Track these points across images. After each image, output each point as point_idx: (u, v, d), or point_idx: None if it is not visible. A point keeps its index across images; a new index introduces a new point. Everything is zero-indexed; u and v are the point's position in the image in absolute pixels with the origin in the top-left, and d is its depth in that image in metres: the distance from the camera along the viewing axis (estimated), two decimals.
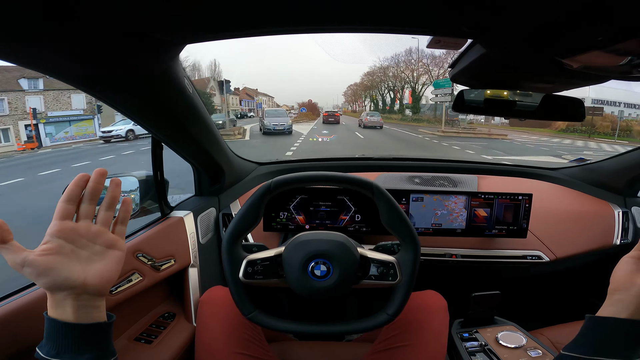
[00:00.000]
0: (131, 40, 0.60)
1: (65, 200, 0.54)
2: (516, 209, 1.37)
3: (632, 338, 0.59)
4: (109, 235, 0.59)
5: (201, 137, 1.12)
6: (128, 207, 0.62)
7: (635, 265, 0.63)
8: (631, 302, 0.60)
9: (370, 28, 0.66)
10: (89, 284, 0.54)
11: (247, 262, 0.83)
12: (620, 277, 0.63)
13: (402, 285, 0.84)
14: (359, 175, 0.87)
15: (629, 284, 0.61)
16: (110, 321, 0.58)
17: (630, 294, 0.61)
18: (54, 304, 0.53)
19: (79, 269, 0.54)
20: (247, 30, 0.65)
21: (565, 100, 1.00)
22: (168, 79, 0.80)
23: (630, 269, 0.63)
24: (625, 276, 0.63)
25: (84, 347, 0.53)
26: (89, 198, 0.56)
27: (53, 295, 0.53)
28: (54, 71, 0.63)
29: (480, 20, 0.59)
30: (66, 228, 0.54)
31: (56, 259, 0.52)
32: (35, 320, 0.73)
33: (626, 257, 0.65)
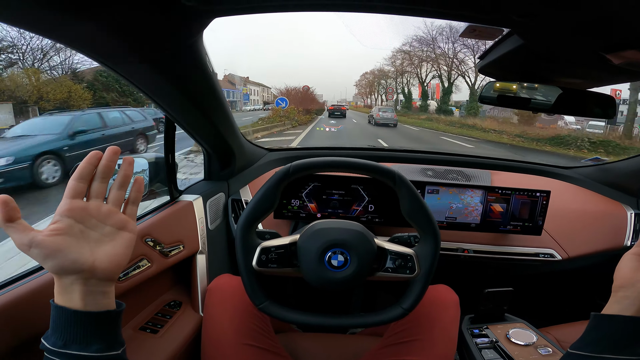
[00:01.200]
0: (161, 7, 0.56)
1: (77, 178, 0.51)
2: (533, 205, 1.34)
3: (639, 335, 0.58)
4: (120, 216, 0.56)
5: (216, 118, 1.09)
6: (140, 187, 0.59)
7: (638, 262, 0.63)
8: (637, 299, 0.60)
9: (409, 9, 0.62)
10: (97, 268, 0.51)
11: (262, 249, 0.80)
12: (624, 274, 0.63)
13: (419, 279, 0.82)
14: (379, 163, 0.84)
15: (633, 280, 0.61)
16: (119, 309, 0.55)
17: (635, 290, 0.60)
18: (61, 290, 0.50)
19: (87, 251, 0.51)
20: (280, 4, 0.61)
21: (598, 97, 0.97)
22: (192, 55, 0.77)
23: (633, 265, 0.63)
24: (629, 273, 0.62)
25: (92, 337, 0.50)
26: (100, 176, 0.53)
27: (60, 280, 0.50)
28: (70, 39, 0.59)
29: (532, 8, 0.56)
30: (76, 207, 0.51)
31: (65, 239, 0.49)
32: (37, 309, 0.70)
33: (629, 253, 0.65)
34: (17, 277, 0.76)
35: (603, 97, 0.98)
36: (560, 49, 0.72)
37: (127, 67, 0.72)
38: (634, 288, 0.60)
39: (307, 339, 1.16)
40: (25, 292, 0.71)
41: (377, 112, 23.09)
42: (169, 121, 1.06)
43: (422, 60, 34.04)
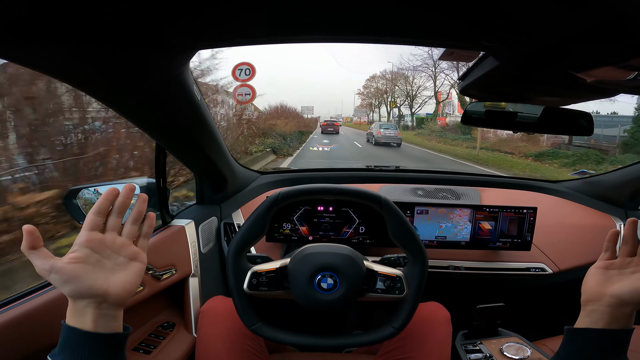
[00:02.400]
0: (145, 43, 0.59)
1: (95, 212, 0.57)
2: (521, 222, 1.36)
3: (609, 347, 0.61)
4: (133, 248, 0.60)
5: (206, 144, 1.11)
6: (152, 223, 0.64)
7: (603, 275, 0.66)
8: (604, 312, 0.62)
9: (387, 39, 0.66)
10: (110, 294, 0.55)
11: (252, 273, 0.82)
12: (591, 288, 0.66)
13: (409, 299, 0.83)
14: (366, 189, 0.87)
15: (599, 294, 0.64)
16: (126, 332, 0.59)
17: (602, 304, 0.62)
18: (75, 312, 0.54)
19: (102, 278, 0.55)
20: (263, 37, 0.64)
21: (574, 114, 1.00)
22: (178, 85, 0.79)
23: (598, 279, 0.66)
24: (595, 287, 0.65)
25: (98, 358, 0.54)
26: (117, 212, 0.58)
27: (75, 303, 0.54)
28: (60, 74, 0.61)
29: (501, 34, 0.59)
30: (94, 239, 0.56)
31: (82, 267, 0.54)
32: (41, 326, 0.74)
33: (594, 267, 0.69)
34: (20, 295, 0.79)
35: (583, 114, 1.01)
36: (533, 70, 0.75)
37: (114, 99, 0.74)
38: (601, 301, 0.63)
39: (302, 359, 1.16)
40: (28, 310, 0.74)
41: (378, 129, 19.39)
42: (159, 147, 1.08)
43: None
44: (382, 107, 41.06)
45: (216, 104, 8.70)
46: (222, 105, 9.23)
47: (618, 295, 0.62)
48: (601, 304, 0.63)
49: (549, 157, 13.73)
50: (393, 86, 36.98)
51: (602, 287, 0.64)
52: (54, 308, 0.80)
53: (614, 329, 0.61)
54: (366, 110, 44.01)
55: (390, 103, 37.93)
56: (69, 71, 0.61)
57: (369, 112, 43.67)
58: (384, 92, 39.32)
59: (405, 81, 34.61)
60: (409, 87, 34.49)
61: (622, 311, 0.62)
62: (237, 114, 10.01)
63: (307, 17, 0.57)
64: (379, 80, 39.24)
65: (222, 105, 9.33)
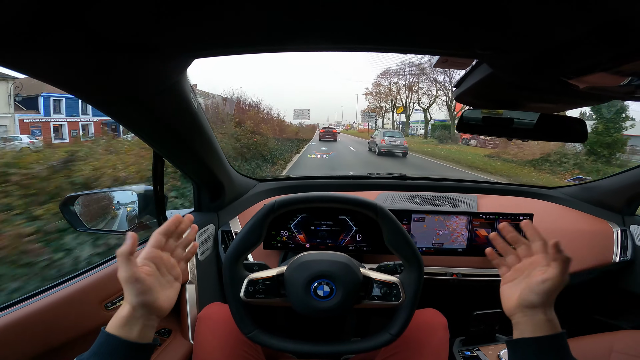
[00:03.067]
0: (142, 53, 0.60)
1: (162, 233, 0.67)
2: (517, 228, 1.35)
3: (548, 352, 0.64)
4: (178, 269, 0.69)
5: (203, 152, 1.11)
6: (194, 250, 0.74)
7: (510, 290, 0.71)
8: (525, 322, 0.66)
9: (381, 48, 0.67)
10: (161, 307, 0.63)
11: (249, 281, 0.82)
12: (506, 305, 0.71)
13: (405, 305, 0.84)
14: (361, 196, 0.87)
15: (514, 309, 0.68)
16: (156, 343, 0.65)
17: (520, 315, 0.67)
18: (125, 322, 0.60)
19: (160, 292, 0.63)
20: (259, 46, 0.65)
21: (568, 120, 1.01)
22: (175, 94, 0.80)
23: (509, 295, 0.70)
24: (508, 303, 0.70)
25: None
26: (176, 236, 0.70)
27: (133, 313, 0.60)
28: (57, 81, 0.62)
29: (492, 41, 0.60)
30: (157, 256, 0.65)
31: (153, 281, 0.62)
32: (40, 328, 0.77)
33: (502, 285, 0.74)
34: (20, 299, 0.81)
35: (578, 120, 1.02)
36: (526, 77, 0.76)
37: (112, 107, 0.75)
38: (518, 313, 0.68)
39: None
40: (28, 313, 0.77)
41: (382, 137, 17.41)
42: (157, 154, 1.08)
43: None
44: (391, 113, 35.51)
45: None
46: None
47: (523, 303, 0.67)
48: (520, 317, 0.67)
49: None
50: (416, 82, 31.06)
51: (512, 300, 0.69)
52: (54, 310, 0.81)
53: (543, 336, 0.65)
54: (375, 115, 36.56)
55: (397, 108, 33.75)
56: (65, 78, 0.61)
57: (378, 117, 36.44)
58: (397, 92, 33.64)
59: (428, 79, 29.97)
60: (427, 87, 30.22)
61: (537, 317, 0.66)
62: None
63: (302, 28, 0.58)
64: (396, 76, 33.13)
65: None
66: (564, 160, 12.40)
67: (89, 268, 0.97)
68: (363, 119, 38.57)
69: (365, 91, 39.92)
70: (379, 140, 17.34)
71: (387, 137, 17.42)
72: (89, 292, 0.90)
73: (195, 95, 0.89)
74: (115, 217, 1.17)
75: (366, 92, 37.87)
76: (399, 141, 17.13)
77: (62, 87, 0.63)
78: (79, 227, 1.09)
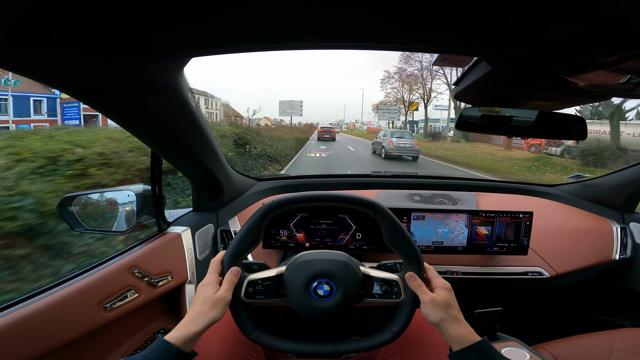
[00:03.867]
0: (138, 51, 0.59)
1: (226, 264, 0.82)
2: (517, 226, 1.36)
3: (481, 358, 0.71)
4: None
5: (201, 152, 1.11)
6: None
7: (429, 308, 0.77)
8: (449, 338, 0.74)
9: (380, 46, 0.66)
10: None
11: (248, 282, 0.81)
12: (431, 322, 0.77)
13: (406, 303, 0.83)
14: (360, 195, 0.87)
15: (437, 327, 0.76)
16: (195, 354, 0.73)
17: (445, 333, 0.75)
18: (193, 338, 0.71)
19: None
20: (256, 45, 0.65)
21: (567, 118, 1.01)
22: (172, 93, 0.79)
23: (428, 313, 0.77)
24: (431, 320, 0.77)
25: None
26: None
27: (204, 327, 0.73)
28: (53, 81, 0.62)
29: (491, 39, 0.60)
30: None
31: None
32: (43, 327, 0.78)
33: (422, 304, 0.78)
34: (24, 297, 0.82)
35: (576, 118, 1.02)
36: (525, 75, 0.75)
37: (108, 106, 0.74)
38: (443, 332, 0.75)
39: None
40: (30, 312, 0.77)
41: (389, 139, 15.03)
42: (155, 154, 1.08)
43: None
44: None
45: None
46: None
47: (430, 319, 0.77)
48: (444, 331, 0.75)
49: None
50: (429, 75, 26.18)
51: (433, 319, 0.77)
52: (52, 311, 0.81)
53: (466, 347, 0.71)
54: (398, 109, 27.86)
55: (411, 104, 28.28)
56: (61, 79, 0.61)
57: (400, 113, 28.17)
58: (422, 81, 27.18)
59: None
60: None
61: (446, 333, 0.75)
62: None
63: (300, 25, 0.58)
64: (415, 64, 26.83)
65: None
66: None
67: (88, 268, 0.96)
68: (381, 115, 28.62)
69: (385, 75, 30.74)
70: (386, 142, 14.97)
71: (395, 137, 14.94)
72: (87, 292, 0.90)
73: (192, 94, 0.88)
74: (113, 217, 1.16)
75: (385, 77, 29.51)
76: (409, 142, 14.75)
77: (58, 88, 0.63)
78: (77, 228, 1.08)
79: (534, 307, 1.84)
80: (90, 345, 0.91)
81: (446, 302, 0.77)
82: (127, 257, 1.03)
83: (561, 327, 1.81)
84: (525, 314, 1.82)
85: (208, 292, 0.76)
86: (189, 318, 0.73)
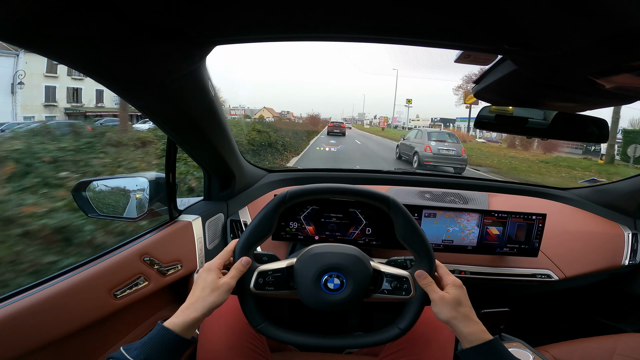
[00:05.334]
0: (166, 37, 0.59)
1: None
2: (529, 228, 1.35)
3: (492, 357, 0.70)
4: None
5: (216, 141, 1.10)
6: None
7: (439, 307, 0.76)
8: (460, 335, 0.74)
9: (403, 40, 0.65)
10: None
11: (259, 272, 0.81)
12: (442, 315, 0.76)
13: (415, 300, 0.82)
14: (374, 189, 0.86)
15: (448, 324, 0.75)
16: (194, 340, 0.72)
17: (456, 329, 0.75)
18: (193, 325, 0.70)
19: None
20: (280, 34, 0.64)
21: (587, 120, 0.99)
22: (195, 80, 0.79)
23: (437, 311, 0.77)
24: (441, 318, 0.76)
25: (168, 357, 0.65)
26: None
27: (202, 318, 0.72)
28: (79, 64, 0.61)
29: (522, 39, 0.58)
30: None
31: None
32: (44, 319, 0.77)
33: (435, 298, 0.78)
34: (35, 284, 0.82)
35: (597, 121, 1.00)
36: (552, 75, 0.74)
37: (131, 91, 0.74)
38: (454, 329, 0.75)
39: (304, 358, 1.15)
40: (31, 304, 0.77)
41: (427, 142, 10.90)
42: (171, 141, 1.08)
43: None
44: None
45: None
46: None
47: (441, 318, 0.77)
48: (456, 328, 0.75)
49: None
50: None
51: (443, 317, 0.77)
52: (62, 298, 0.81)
53: (476, 345, 0.71)
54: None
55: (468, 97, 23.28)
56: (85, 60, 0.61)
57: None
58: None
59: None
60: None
61: (457, 331, 0.75)
62: None
63: (325, 16, 0.57)
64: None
65: None
66: None
67: (98, 255, 0.97)
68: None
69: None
70: (421, 147, 10.90)
71: (434, 140, 11.00)
72: (97, 280, 0.90)
73: (212, 83, 0.88)
74: (126, 203, 1.16)
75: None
76: (455, 149, 10.87)
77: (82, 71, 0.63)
78: (90, 213, 1.09)
79: (540, 309, 1.84)
80: (99, 332, 0.92)
81: (456, 299, 0.77)
82: (138, 244, 1.04)
83: (564, 330, 1.80)
84: (529, 315, 1.82)
85: (210, 276, 0.75)
86: (189, 303, 0.73)
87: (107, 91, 0.85)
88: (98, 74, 0.65)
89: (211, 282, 0.74)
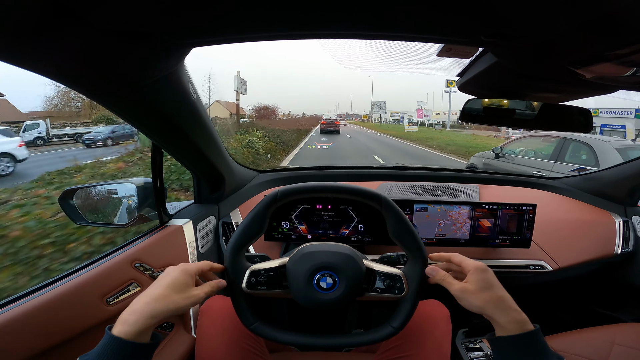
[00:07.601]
0: (138, 41, 0.58)
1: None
2: (520, 219, 1.35)
3: (524, 351, 0.65)
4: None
5: (202, 143, 1.10)
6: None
7: (467, 294, 0.71)
8: (495, 325, 0.69)
9: (383, 35, 0.65)
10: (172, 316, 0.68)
11: (251, 272, 0.81)
12: (471, 306, 0.71)
13: (408, 298, 0.82)
14: (365, 187, 0.86)
15: (481, 309, 0.69)
16: (157, 341, 0.66)
17: (488, 313, 0.69)
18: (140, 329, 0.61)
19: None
20: (256, 34, 0.64)
21: (572, 110, 1.00)
22: (173, 83, 0.78)
23: (464, 298, 0.71)
24: (471, 305, 0.70)
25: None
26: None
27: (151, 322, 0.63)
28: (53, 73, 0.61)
29: (498, 30, 0.58)
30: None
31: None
32: (40, 326, 0.77)
33: (455, 292, 0.73)
34: (26, 292, 0.81)
35: (582, 111, 1.01)
36: (532, 66, 0.74)
37: (107, 97, 0.73)
38: (489, 318, 0.69)
39: (302, 358, 1.15)
40: (28, 310, 0.77)
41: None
42: (156, 146, 1.07)
43: None
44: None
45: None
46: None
47: (471, 309, 0.71)
48: (489, 313, 0.69)
49: None
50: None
51: (476, 303, 0.70)
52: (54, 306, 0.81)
53: (512, 335, 0.66)
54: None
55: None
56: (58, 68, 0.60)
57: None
58: None
59: None
60: None
61: (492, 320, 0.69)
62: None
63: (302, 14, 0.57)
64: None
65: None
66: None
67: (89, 263, 0.96)
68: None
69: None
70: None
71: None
72: (89, 287, 0.89)
73: (193, 85, 0.87)
74: (115, 210, 1.15)
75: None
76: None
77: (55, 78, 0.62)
78: (79, 221, 1.08)
79: (535, 300, 1.85)
80: (92, 339, 0.91)
81: (482, 284, 0.72)
82: (129, 250, 1.03)
83: (562, 321, 1.81)
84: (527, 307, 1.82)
85: (183, 278, 0.71)
86: (145, 300, 0.65)
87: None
88: (70, 80, 0.64)
89: (184, 284, 0.70)
